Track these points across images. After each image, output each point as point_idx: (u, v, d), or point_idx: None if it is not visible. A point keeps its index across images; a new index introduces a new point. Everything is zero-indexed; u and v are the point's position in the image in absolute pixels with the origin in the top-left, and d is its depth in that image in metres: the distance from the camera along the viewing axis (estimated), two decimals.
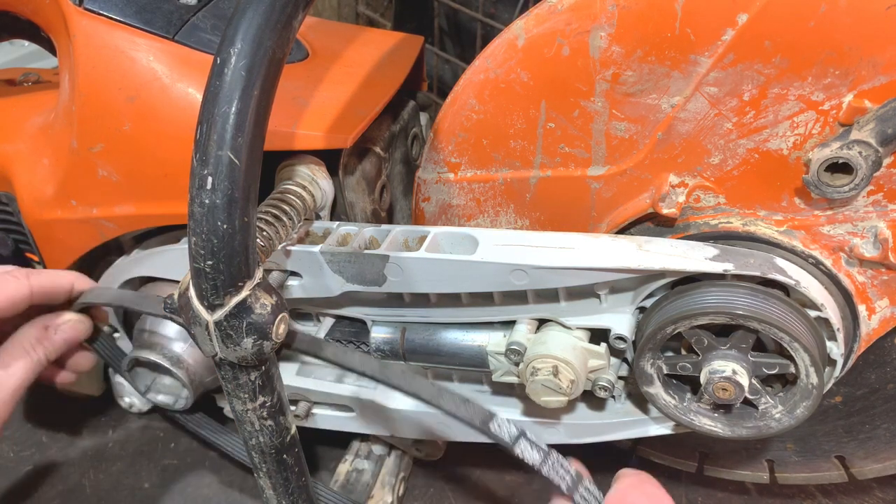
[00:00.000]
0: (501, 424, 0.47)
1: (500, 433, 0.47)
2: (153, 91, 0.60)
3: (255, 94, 0.41)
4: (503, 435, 0.47)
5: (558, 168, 0.59)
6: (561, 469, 0.46)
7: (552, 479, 0.45)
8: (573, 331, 0.57)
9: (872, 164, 0.47)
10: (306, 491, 0.55)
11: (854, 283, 0.54)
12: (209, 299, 0.42)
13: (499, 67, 0.55)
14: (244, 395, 0.47)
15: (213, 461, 0.85)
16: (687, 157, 0.55)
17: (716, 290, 0.52)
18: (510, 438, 0.47)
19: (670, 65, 0.51)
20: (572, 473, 0.46)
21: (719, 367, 0.52)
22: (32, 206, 0.68)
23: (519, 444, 0.46)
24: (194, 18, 0.63)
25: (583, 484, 0.45)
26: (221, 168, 0.40)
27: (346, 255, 0.57)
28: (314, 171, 0.61)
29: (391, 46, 0.74)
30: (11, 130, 0.70)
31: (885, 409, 0.63)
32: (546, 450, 0.46)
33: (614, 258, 0.51)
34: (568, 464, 0.46)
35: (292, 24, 0.43)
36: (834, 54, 0.47)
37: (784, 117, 0.50)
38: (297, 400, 0.71)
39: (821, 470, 0.69)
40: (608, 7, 0.50)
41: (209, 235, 0.40)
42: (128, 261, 0.70)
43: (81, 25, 0.60)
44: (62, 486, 0.83)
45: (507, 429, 0.47)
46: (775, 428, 0.54)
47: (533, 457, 0.46)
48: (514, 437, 0.47)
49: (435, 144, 0.61)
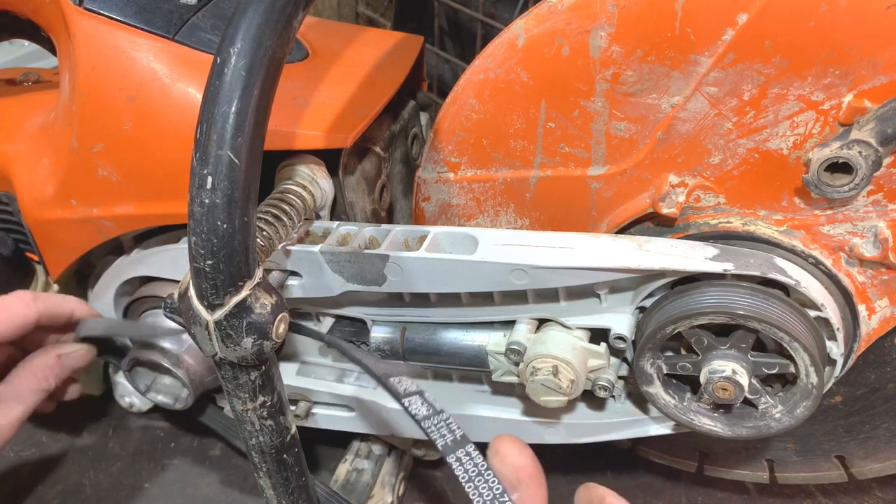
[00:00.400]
0: (402, 381, 0.46)
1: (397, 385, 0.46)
2: (153, 91, 0.60)
3: (255, 94, 0.41)
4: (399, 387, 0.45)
5: (558, 168, 0.59)
6: (445, 429, 0.43)
7: (432, 437, 0.43)
8: (573, 331, 0.57)
9: (872, 163, 0.47)
10: (306, 491, 0.55)
11: (854, 283, 0.54)
12: (209, 299, 0.42)
13: (499, 67, 0.55)
14: (244, 395, 0.47)
15: (213, 461, 0.85)
16: (687, 157, 0.55)
17: (716, 290, 0.52)
18: (403, 391, 0.45)
19: (670, 65, 0.51)
20: (456, 436, 0.42)
21: (719, 367, 0.52)
22: (32, 205, 0.68)
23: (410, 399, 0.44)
24: (194, 18, 0.63)
25: (464, 448, 0.42)
26: (221, 168, 0.40)
27: (346, 254, 0.57)
28: (314, 171, 0.61)
29: (391, 46, 0.74)
30: (11, 130, 0.70)
31: (885, 409, 0.63)
32: (437, 409, 0.44)
33: (614, 258, 0.51)
34: (457, 427, 0.43)
35: (292, 24, 0.43)
36: (834, 54, 0.47)
37: (784, 117, 0.50)
38: (297, 400, 0.71)
39: (821, 470, 0.69)
40: (608, 7, 0.50)
41: (209, 235, 0.40)
42: (128, 261, 0.70)
43: (81, 25, 0.60)
44: (62, 486, 0.83)
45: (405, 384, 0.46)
46: (775, 428, 0.54)
47: (420, 411, 0.44)
48: (410, 392, 0.45)
49: (435, 144, 0.61)
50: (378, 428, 0.71)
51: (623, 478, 0.80)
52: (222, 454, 0.86)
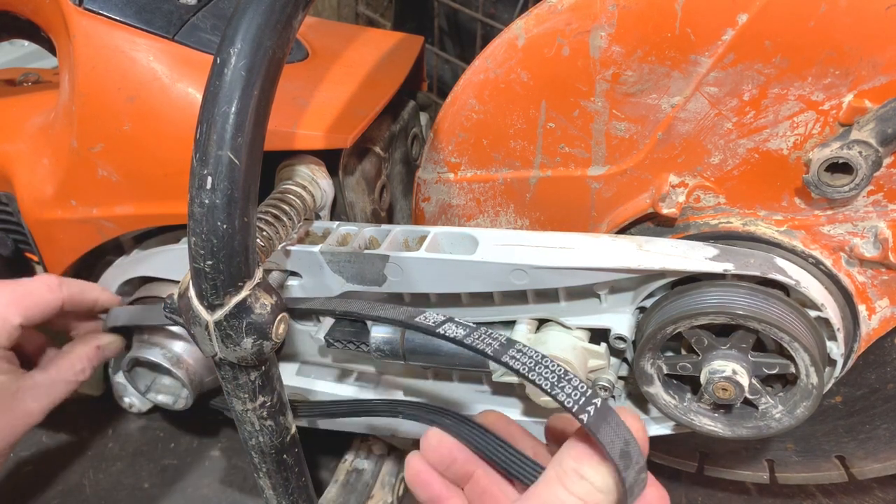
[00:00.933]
0: (427, 316, 0.46)
1: (424, 321, 0.46)
2: (153, 91, 0.60)
3: (255, 94, 0.41)
4: (428, 322, 0.45)
5: (558, 168, 0.59)
6: (488, 339, 0.43)
7: (479, 349, 0.43)
8: (573, 331, 0.57)
9: (872, 164, 0.47)
10: (306, 491, 0.55)
11: (854, 283, 0.54)
12: (209, 299, 0.42)
13: (499, 67, 0.55)
14: (244, 395, 0.47)
15: (213, 461, 0.85)
16: (687, 157, 0.54)
17: (716, 290, 0.52)
18: (434, 323, 0.45)
19: (670, 65, 0.51)
20: (501, 340, 0.43)
21: (719, 367, 0.52)
22: (32, 205, 0.68)
23: (444, 327, 0.45)
24: (194, 18, 0.63)
25: (513, 348, 0.42)
26: (221, 168, 0.40)
27: (346, 255, 0.57)
28: (314, 171, 0.61)
29: (391, 46, 0.74)
30: (11, 130, 0.70)
31: (885, 409, 0.63)
32: (473, 326, 0.45)
33: (614, 258, 0.51)
34: (499, 335, 0.44)
35: (292, 24, 0.43)
36: (834, 54, 0.47)
37: (784, 117, 0.50)
38: (297, 401, 0.71)
39: (821, 470, 0.69)
40: (608, 7, 0.50)
41: (209, 235, 0.40)
42: (128, 261, 0.70)
43: (81, 25, 0.60)
44: (62, 486, 0.83)
45: (433, 317, 0.46)
46: (775, 428, 0.54)
47: (458, 333, 0.44)
48: (440, 322, 0.45)
49: (435, 144, 0.61)
50: (378, 428, 0.71)
51: None
52: (222, 454, 0.86)
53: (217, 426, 0.89)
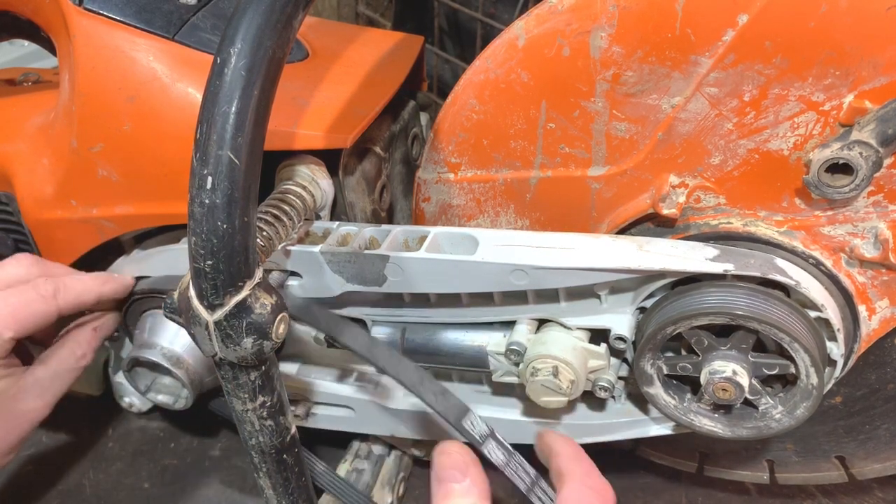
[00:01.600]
0: (475, 423, 0.50)
1: (472, 431, 0.50)
2: (153, 91, 0.60)
3: (255, 94, 0.41)
4: (474, 433, 0.50)
5: (558, 168, 0.59)
6: (521, 471, 0.50)
7: (513, 480, 0.49)
8: (573, 331, 0.57)
9: (873, 164, 0.47)
10: (306, 491, 0.55)
11: (854, 284, 0.54)
12: (209, 299, 0.42)
13: (499, 67, 0.55)
14: (244, 395, 0.47)
15: (213, 461, 0.85)
16: (687, 158, 0.54)
17: (716, 291, 0.52)
18: (480, 438, 0.50)
19: (671, 65, 0.51)
20: (531, 475, 0.50)
21: (719, 368, 0.52)
22: (32, 205, 0.68)
23: (487, 443, 0.50)
24: (194, 18, 0.63)
25: (539, 485, 0.49)
26: (221, 168, 0.40)
27: (346, 255, 0.57)
28: (314, 171, 0.61)
29: (391, 46, 0.74)
30: (11, 130, 0.70)
31: (885, 410, 0.63)
32: (511, 450, 0.50)
33: (614, 258, 0.51)
34: (528, 466, 0.50)
35: (292, 24, 0.43)
36: (834, 55, 0.47)
37: (784, 118, 0.50)
38: (298, 400, 0.71)
39: (821, 470, 0.69)
40: (609, 7, 0.50)
41: (209, 235, 0.40)
42: (128, 261, 0.70)
43: (81, 25, 0.60)
44: (62, 486, 0.83)
45: (479, 427, 0.50)
46: (775, 428, 0.54)
47: (498, 458, 0.49)
48: (484, 436, 0.50)
49: (435, 144, 0.61)
50: (378, 428, 0.71)
51: (623, 478, 0.80)
52: (222, 454, 0.86)
53: (217, 426, 0.89)
